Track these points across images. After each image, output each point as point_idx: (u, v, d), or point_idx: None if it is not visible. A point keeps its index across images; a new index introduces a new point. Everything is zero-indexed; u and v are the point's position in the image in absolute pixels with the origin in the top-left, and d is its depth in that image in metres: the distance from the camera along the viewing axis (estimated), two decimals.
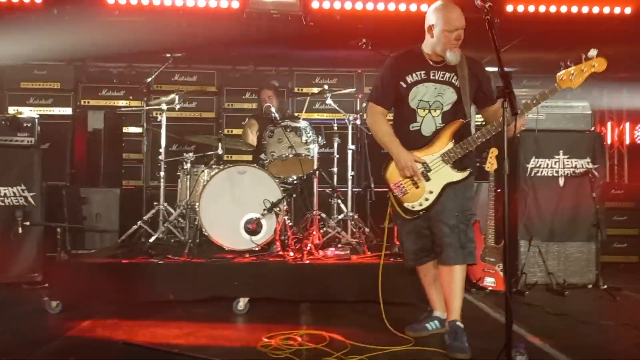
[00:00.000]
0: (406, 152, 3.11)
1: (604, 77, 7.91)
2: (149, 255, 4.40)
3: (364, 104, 6.05)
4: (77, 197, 5.45)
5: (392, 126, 3.27)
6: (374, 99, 3.27)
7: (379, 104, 3.25)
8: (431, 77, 3.15)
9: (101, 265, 4.24)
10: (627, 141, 8.15)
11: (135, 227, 5.07)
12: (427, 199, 3.10)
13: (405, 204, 3.14)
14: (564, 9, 5.77)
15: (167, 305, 4.02)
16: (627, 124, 8.14)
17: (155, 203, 5.23)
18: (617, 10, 5.82)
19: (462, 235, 3.12)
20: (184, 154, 5.05)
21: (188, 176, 4.92)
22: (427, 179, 3.10)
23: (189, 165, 4.96)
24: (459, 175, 3.11)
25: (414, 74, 3.16)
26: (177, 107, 5.30)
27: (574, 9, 5.79)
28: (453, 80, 3.14)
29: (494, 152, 4.69)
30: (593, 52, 2.82)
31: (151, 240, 4.76)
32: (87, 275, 4.14)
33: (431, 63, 3.16)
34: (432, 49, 3.14)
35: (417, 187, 3.11)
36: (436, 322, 3.42)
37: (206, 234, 4.42)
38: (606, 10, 5.81)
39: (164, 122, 5.23)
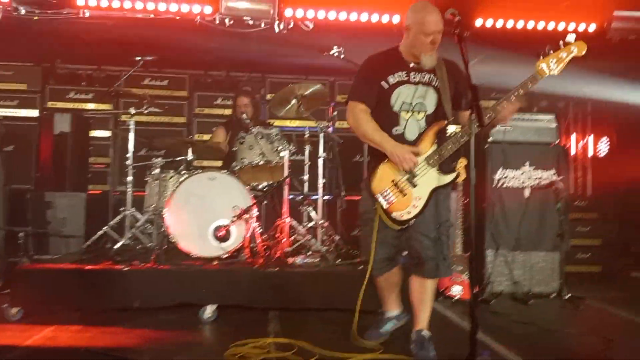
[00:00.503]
0: (401, 146, 2.96)
1: (570, 92, 8.18)
2: (115, 262, 4.33)
3: (335, 113, 6.13)
4: (42, 201, 5.32)
5: None
6: (356, 97, 3.09)
7: (361, 101, 3.07)
8: (412, 79, 3.07)
9: (65, 271, 4.15)
10: (591, 154, 8.38)
11: (101, 232, 4.98)
12: (415, 206, 2.99)
13: (394, 214, 3.00)
14: (531, 24, 5.92)
15: (133, 312, 3.95)
16: (591, 137, 8.38)
17: (122, 208, 5.14)
18: (581, 27, 6.00)
19: (444, 247, 3.07)
20: (153, 159, 4.99)
21: (156, 182, 4.86)
22: (414, 185, 2.99)
23: (157, 170, 4.90)
24: (446, 179, 3.03)
25: (395, 75, 3.06)
26: (146, 111, 5.22)
27: (541, 25, 5.96)
28: (433, 82, 3.07)
29: (462, 162, 4.79)
30: (571, 37, 2.79)
31: (117, 246, 4.68)
32: (50, 281, 4.05)
33: (410, 64, 3.08)
34: (410, 51, 3.06)
35: (404, 195, 2.98)
36: (393, 322, 3.41)
37: (174, 240, 4.37)
38: (571, 27, 5.99)
39: (132, 126, 5.15)
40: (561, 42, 2.82)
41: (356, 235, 6.00)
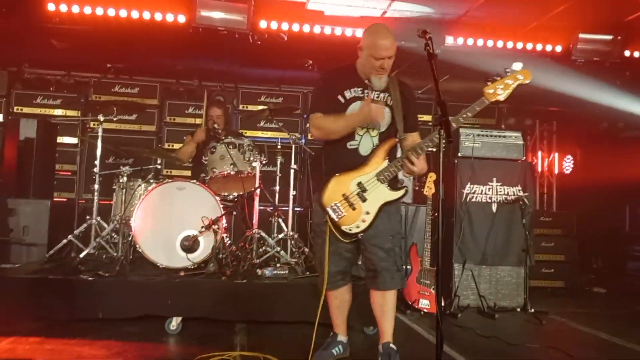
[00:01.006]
0: (363, 107, 3.01)
1: (537, 110, 8.39)
2: (79, 271, 4.23)
3: (308, 125, 6.14)
4: (4, 208, 5.18)
5: (327, 145, 3.19)
6: (316, 109, 3.13)
7: (321, 111, 3.11)
8: (366, 96, 3.12)
9: (27, 280, 4.03)
10: (556, 171, 8.58)
11: (65, 241, 4.86)
12: (364, 221, 3.04)
13: (343, 227, 3.04)
14: (500, 43, 6.06)
15: (96, 323, 3.86)
16: (556, 155, 8.58)
17: (87, 217, 5.03)
18: (548, 47, 6.17)
19: (398, 259, 3.12)
20: (121, 167, 4.91)
21: (124, 190, 4.79)
22: (364, 200, 3.03)
23: (125, 179, 4.82)
24: (394, 195, 3.09)
25: (351, 90, 3.11)
26: (116, 118, 5.15)
27: (509, 45, 6.10)
28: (388, 101, 3.14)
29: (432, 177, 4.87)
30: (518, 65, 2.92)
31: (81, 255, 4.57)
32: (11, 290, 3.93)
33: (366, 82, 3.14)
34: (362, 70, 3.13)
35: (354, 209, 3.03)
36: (340, 347, 3.38)
37: (140, 250, 4.30)
38: (539, 47, 6.15)
39: (100, 134, 5.07)
40: (506, 70, 2.95)
41: None
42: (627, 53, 6.16)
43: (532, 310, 4.95)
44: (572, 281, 6.23)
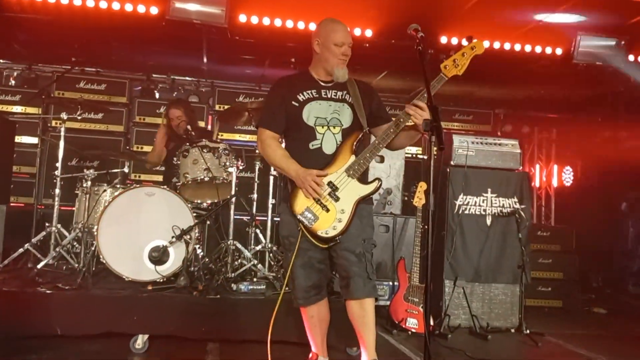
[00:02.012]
0: (306, 170, 3.08)
1: (536, 116, 8.51)
2: (36, 283, 4.18)
3: None
4: None
5: (290, 149, 3.24)
6: (264, 124, 3.24)
7: (269, 128, 3.22)
8: (323, 96, 3.23)
9: None
10: (555, 183, 8.69)
11: (21, 250, 4.81)
12: (340, 220, 3.05)
13: (319, 232, 3.05)
14: (497, 45, 6.14)
15: (54, 341, 3.81)
16: (555, 166, 8.70)
17: (47, 224, 4.99)
18: (548, 50, 6.26)
19: (368, 265, 3.15)
20: (85, 170, 4.87)
21: (87, 195, 4.75)
22: (336, 199, 3.07)
23: (89, 183, 4.79)
24: (368, 188, 3.14)
25: (304, 92, 3.22)
26: (80, 117, 5.12)
27: (507, 46, 6.18)
28: (347, 98, 3.24)
29: (422, 186, 4.91)
30: (469, 37, 3.07)
31: (39, 266, 4.52)
32: None
33: (321, 83, 3.26)
34: (321, 67, 3.24)
35: (328, 211, 3.06)
36: None
37: (104, 261, 4.26)
38: (538, 49, 6.25)
39: (63, 133, 5.03)
40: (462, 42, 3.05)
41: None
42: (631, 57, 6.26)
43: (528, 331, 4.99)
44: (571, 300, 6.31)
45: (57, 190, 4.99)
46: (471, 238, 5.25)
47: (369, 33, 5.87)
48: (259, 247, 5.08)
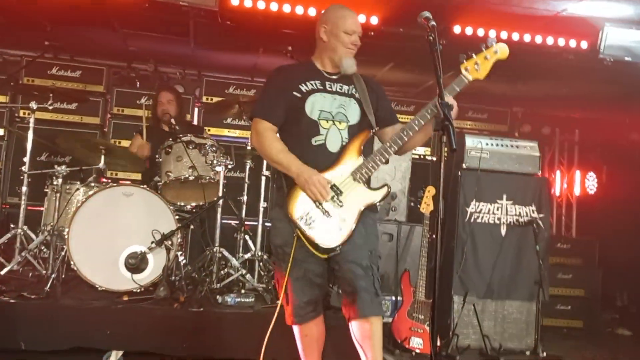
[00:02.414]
0: (310, 169, 3.01)
1: (557, 116, 8.53)
2: None
3: None
4: None
5: (286, 142, 3.15)
6: (260, 114, 3.17)
7: (266, 118, 3.14)
8: (328, 88, 3.20)
9: None
10: (578, 191, 8.70)
11: None
12: (341, 229, 3.00)
13: (317, 240, 2.99)
14: (515, 36, 6.14)
15: (17, 357, 3.80)
16: (578, 172, 8.71)
17: (12, 225, 4.99)
18: (572, 43, 6.26)
19: (375, 280, 3.10)
20: (56, 166, 4.86)
21: (58, 194, 4.74)
22: (339, 205, 3.01)
23: (60, 180, 4.77)
24: (375, 195, 3.09)
25: (308, 83, 3.18)
26: (52, 107, 5.11)
27: (527, 38, 6.18)
28: (354, 93, 3.23)
29: (430, 191, 4.91)
30: (492, 38, 3.06)
31: (3, 272, 4.53)
32: None
33: (325, 74, 3.24)
34: (327, 57, 3.23)
35: (329, 217, 3.00)
36: None
37: (75, 268, 4.26)
38: (561, 42, 6.25)
39: (32, 124, 5.02)
40: (483, 45, 3.05)
41: None
42: None
43: (544, 354, 5.00)
44: (593, 321, 6.32)
45: (24, 188, 4.99)
46: (483, 250, 5.25)
47: (374, 20, 5.86)
48: (248, 256, 5.07)
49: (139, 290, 4.29)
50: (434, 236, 4.92)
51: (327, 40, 3.21)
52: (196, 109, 7.42)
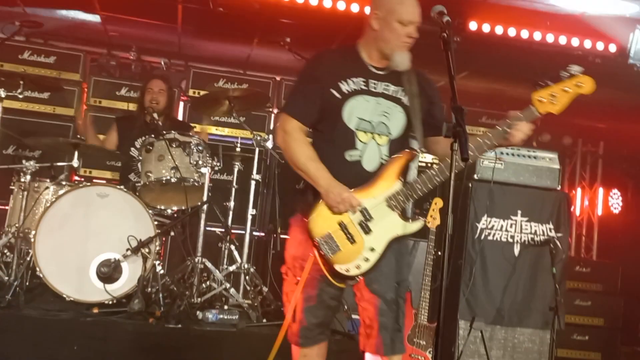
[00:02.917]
0: (341, 186, 2.91)
1: (580, 125, 8.55)
2: None
3: (279, 123, 6.15)
4: None
5: (319, 152, 3.03)
6: (290, 110, 3.05)
7: (297, 117, 3.01)
8: (371, 89, 3.04)
9: None
10: (600, 210, 8.71)
11: None
12: (367, 259, 2.93)
13: (337, 266, 2.93)
14: (537, 35, 6.17)
15: None
16: (601, 189, 8.71)
17: None
18: (600, 46, 6.29)
19: (400, 315, 3.04)
20: (24, 161, 4.86)
21: (25, 192, 4.73)
22: (367, 231, 2.94)
23: (28, 177, 4.77)
24: (409, 227, 2.98)
25: (350, 80, 3.02)
26: (22, 95, 5.12)
27: (550, 38, 6.21)
28: (401, 97, 3.06)
29: (437, 203, 4.91)
30: (577, 68, 2.86)
31: None
32: None
33: (371, 69, 3.06)
34: (376, 48, 3.04)
35: (354, 243, 2.93)
36: None
37: (41, 275, 4.26)
38: (587, 44, 6.28)
39: None
40: (563, 74, 2.88)
41: None
42: None
43: None
44: (612, 353, 6.32)
45: None
46: (494, 270, 5.24)
47: None
48: (232, 268, 5.07)
49: (110, 302, 4.29)
50: (439, 253, 4.92)
51: (379, 29, 2.99)
52: (181, 103, 7.42)
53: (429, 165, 7.81)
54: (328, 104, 3.00)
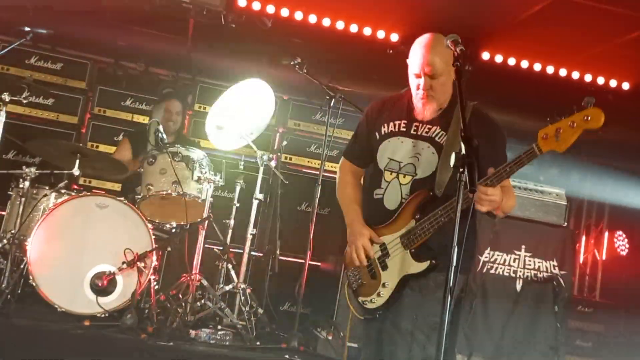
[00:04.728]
0: (360, 227, 3.08)
1: (588, 162, 8.54)
2: None
3: (284, 142, 6.16)
4: None
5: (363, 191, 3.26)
6: (347, 151, 3.33)
7: (348, 158, 3.30)
8: (412, 132, 3.08)
9: None
10: (605, 250, 8.67)
11: None
12: (380, 295, 3.00)
13: (360, 298, 3.07)
14: (550, 69, 6.19)
15: None
16: (607, 229, 8.67)
17: None
18: (613, 83, 6.31)
19: (415, 347, 2.94)
20: (23, 167, 4.87)
21: (23, 199, 4.73)
22: (384, 267, 3.02)
23: (27, 183, 4.77)
24: (417, 267, 2.97)
25: (391, 123, 3.11)
26: (26, 100, 5.13)
27: (563, 72, 6.24)
28: (437, 138, 3.03)
29: None
30: (590, 100, 2.72)
31: None
32: None
33: (416, 113, 3.09)
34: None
35: (375, 278, 3.03)
36: None
37: (34, 284, 4.24)
38: (600, 80, 6.30)
39: (2, 118, 5.02)
40: (575, 108, 2.74)
41: (287, 310, 5.98)
42: None
43: None
44: None
45: None
46: (495, 305, 5.22)
47: (394, 37, 5.93)
48: (229, 287, 5.04)
49: (103, 316, 4.26)
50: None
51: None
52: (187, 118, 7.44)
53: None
54: (373, 145, 3.16)
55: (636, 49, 5.81)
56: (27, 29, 5.35)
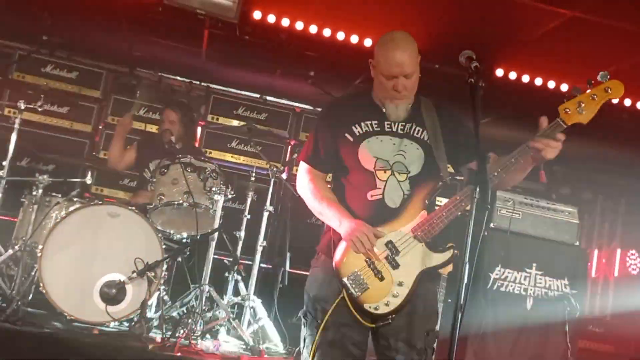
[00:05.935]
0: (355, 220, 2.91)
1: (601, 180, 8.50)
2: None
3: (296, 155, 6.16)
4: None
5: (338, 190, 3.09)
6: (306, 158, 3.14)
7: (312, 164, 3.12)
8: (386, 129, 3.04)
9: None
10: (617, 270, 8.61)
11: None
12: (396, 295, 2.86)
13: (366, 305, 2.86)
14: (564, 87, 6.18)
15: None
16: (619, 250, 8.63)
17: None
18: (627, 102, 6.29)
19: None
20: (37, 175, 4.89)
21: (36, 206, 4.76)
22: (395, 266, 2.89)
23: (40, 191, 4.80)
24: (439, 258, 2.92)
25: (362, 124, 3.04)
26: (41, 108, 5.16)
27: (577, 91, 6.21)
28: (415, 134, 3.04)
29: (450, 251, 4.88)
30: (605, 74, 2.77)
31: None
32: None
33: (384, 110, 3.06)
34: (376, 94, 3.09)
35: (382, 279, 2.87)
36: None
37: (44, 291, 4.25)
38: (615, 100, 6.27)
39: (17, 125, 5.06)
40: (591, 82, 2.80)
41: (296, 323, 5.96)
42: None
43: None
44: None
45: None
46: (505, 323, 5.18)
47: None
48: (238, 299, 5.05)
49: (111, 325, 4.26)
50: (449, 301, 4.88)
51: (374, 78, 3.03)
52: (199, 128, 7.46)
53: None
54: (345, 149, 3.04)
55: None
56: (44, 37, 5.38)
